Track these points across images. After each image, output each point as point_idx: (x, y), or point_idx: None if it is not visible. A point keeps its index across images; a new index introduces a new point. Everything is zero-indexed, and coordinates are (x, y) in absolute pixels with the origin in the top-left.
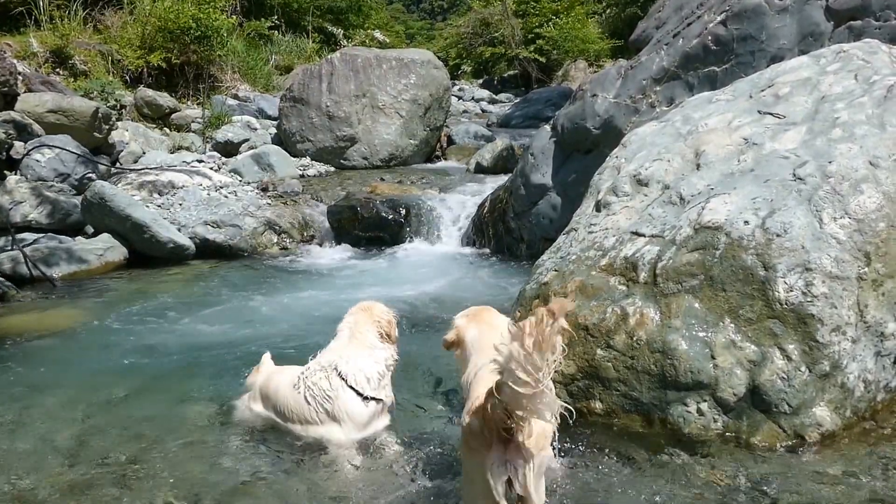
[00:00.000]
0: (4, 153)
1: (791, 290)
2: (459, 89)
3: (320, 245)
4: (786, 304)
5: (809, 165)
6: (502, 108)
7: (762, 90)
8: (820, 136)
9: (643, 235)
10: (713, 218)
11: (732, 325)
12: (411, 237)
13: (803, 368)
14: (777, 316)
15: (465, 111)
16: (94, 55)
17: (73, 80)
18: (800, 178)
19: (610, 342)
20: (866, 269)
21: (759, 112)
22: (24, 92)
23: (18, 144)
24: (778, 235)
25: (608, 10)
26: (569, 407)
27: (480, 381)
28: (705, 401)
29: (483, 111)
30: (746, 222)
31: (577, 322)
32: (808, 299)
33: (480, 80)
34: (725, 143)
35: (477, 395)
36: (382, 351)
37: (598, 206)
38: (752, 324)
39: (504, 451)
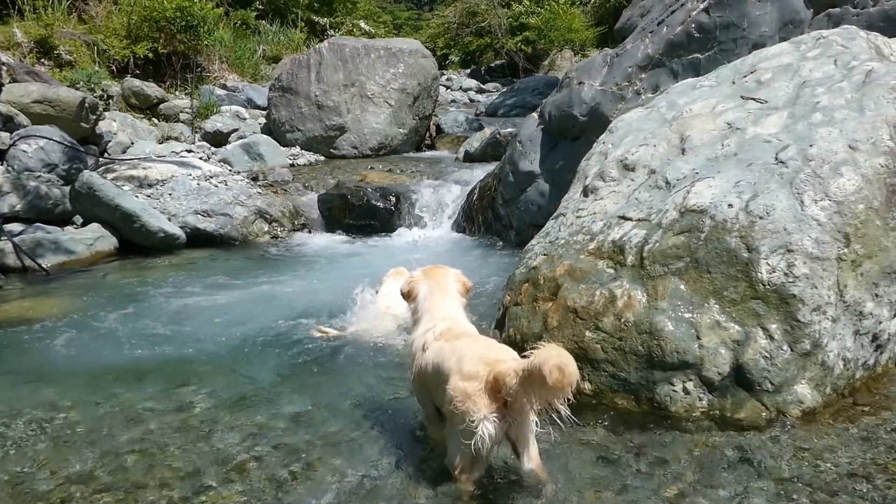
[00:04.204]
0: None
1: (773, 271)
2: (447, 79)
3: (311, 233)
4: (768, 284)
5: (791, 149)
6: (490, 98)
7: (745, 76)
8: (801, 120)
9: (630, 219)
10: (698, 201)
11: (717, 305)
12: (402, 225)
13: (785, 347)
14: (760, 296)
15: (453, 101)
16: (79, 45)
17: (58, 70)
18: (782, 162)
19: (598, 324)
20: (846, 249)
21: (741, 97)
22: (9, 82)
23: (4, 135)
24: (761, 218)
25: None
26: None
27: (444, 353)
28: (691, 380)
29: (471, 101)
30: (730, 205)
31: (566, 305)
32: (790, 280)
33: (468, 70)
34: (709, 128)
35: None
36: None
37: (586, 192)
38: (736, 304)
39: (504, 407)
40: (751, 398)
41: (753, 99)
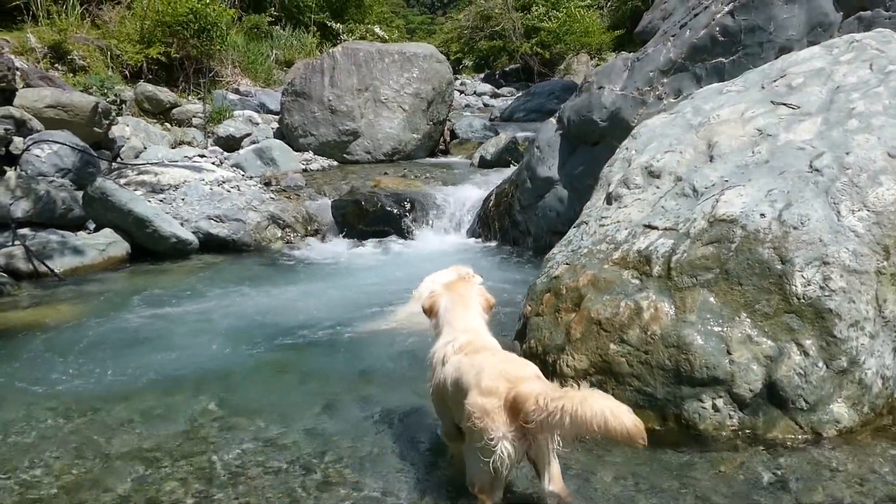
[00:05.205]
0: (4, 149)
1: (808, 285)
2: (461, 84)
3: (325, 239)
4: (803, 298)
5: (826, 157)
6: (505, 102)
7: (774, 81)
8: (836, 126)
9: (656, 228)
10: (728, 210)
11: (748, 319)
12: (416, 231)
13: (821, 364)
14: (794, 310)
15: (467, 105)
16: (92, 50)
17: (72, 75)
18: (816, 170)
19: (623, 337)
20: (885, 262)
21: (772, 103)
22: (23, 87)
23: (17, 140)
24: (795, 228)
25: (609, 3)
26: None
27: (463, 370)
28: (721, 397)
29: (485, 105)
30: (762, 215)
31: (589, 316)
32: (826, 294)
33: (482, 75)
34: (738, 134)
35: (483, 379)
36: None
37: (609, 199)
38: (769, 318)
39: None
40: (784, 417)
41: (784, 104)
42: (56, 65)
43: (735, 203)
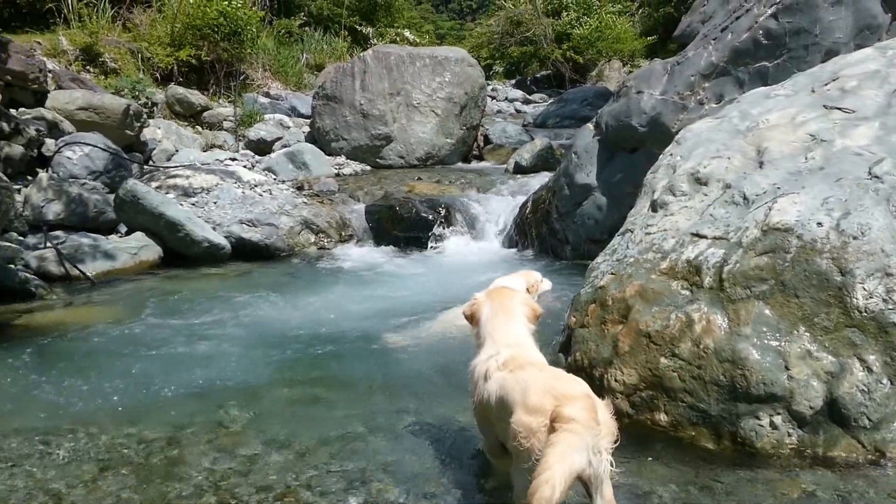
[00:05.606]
0: (36, 151)
1: (871, 297)
2: (493, 89)
3: (359, 245)
4: (865, 311)
5: (886, 163)
6: (537, 109)
7: (825, 84)
8: (895, 131)
9: (705, 237)
10: (782, 219)
11: (807, 333)
12: (451, 237)
13: (885, 381)
14: (856, 324)
15: (499, 111)
16: (123, 53)
17: (103, 77)
18: (876, 177)
19: (675, 350)
20: None
21: (824, 107)
22: (55, 89)
23: (49, 142)
24: (854, 238)
25: (640, 10)
26: None
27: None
28: (779, 414)
29: (517, 111)
30: (819, 224)
31: (638, 328)
32: (890, 307)
33: (513, 81)
34: (790, 139)
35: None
36: None
37: (654, 206)
38: (829, 332)
39: None
40: (845, 435)
41: (838, 108)
42: (88, 67)
43: (789, 211)
